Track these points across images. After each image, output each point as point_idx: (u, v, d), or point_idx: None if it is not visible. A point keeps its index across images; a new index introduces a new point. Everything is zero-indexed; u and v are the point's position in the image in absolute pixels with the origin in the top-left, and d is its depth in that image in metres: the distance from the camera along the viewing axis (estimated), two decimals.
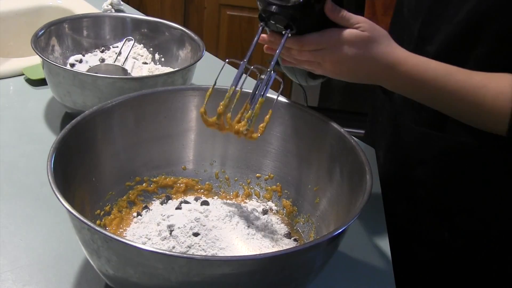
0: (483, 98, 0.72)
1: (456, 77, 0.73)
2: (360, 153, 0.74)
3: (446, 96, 0.74)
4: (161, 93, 0.87)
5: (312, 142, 0.83)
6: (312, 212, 0.82)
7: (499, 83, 0.72)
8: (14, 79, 1.18)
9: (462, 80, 0.73)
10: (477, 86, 0.73)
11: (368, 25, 0.73)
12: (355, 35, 0.72)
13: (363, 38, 0.72)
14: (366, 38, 0.72)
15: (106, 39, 1.18)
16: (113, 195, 0.82)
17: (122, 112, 0.83)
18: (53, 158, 0.67)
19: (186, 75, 1.02)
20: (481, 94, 0.72)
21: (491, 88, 0.72)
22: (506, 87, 0.72)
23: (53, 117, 1.07)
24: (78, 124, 0.75)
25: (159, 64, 1.17)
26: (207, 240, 0.71)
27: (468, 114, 0.76)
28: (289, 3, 0.71)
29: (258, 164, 0.88)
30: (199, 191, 0.88)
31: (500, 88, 0.72)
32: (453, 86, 0.73)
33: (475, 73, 0.74)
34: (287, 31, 0.73)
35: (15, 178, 0.91)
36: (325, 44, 0.73)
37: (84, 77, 0.96)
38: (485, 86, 0.73)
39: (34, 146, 0.99)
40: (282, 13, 0.72)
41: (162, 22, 1.18)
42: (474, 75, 0.74)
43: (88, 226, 0.59)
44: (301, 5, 0.70)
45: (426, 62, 0.74)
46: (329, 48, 0.73)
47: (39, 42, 1.05)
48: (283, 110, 0.85)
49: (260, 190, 0.88)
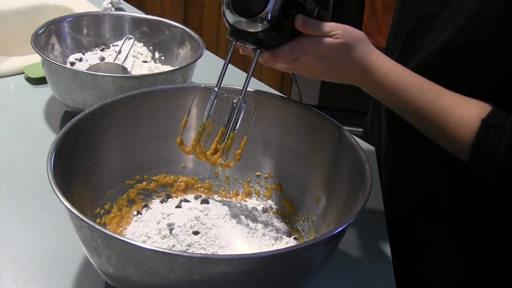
0: (446, 124, 0.72)
1: (426, 96, 0.73)
2: (360, 152, 0.74)
3: (413, 112, 0.74)
4: (161, 91, 0.87)
5: (312, 140, 0.83)
6: (312, 210, 0.82)
7: (465, 112, 0.71)
8: (14, 77, 1.18)
9: (430, 101, 0.72)
10: (443, 111, 0.72)
11: (342, 32, 0.72)
12: (328, 44, 0.72)
13: (336, 46, 0.72)
14: (339, 46, 0.72)
15: (106, 37, 1.18)
16: (113, 193, 0.82)
17: (122, 111, 0.83)
18: (53, 157, 0.67)
19: (186, 73, 1.02)
20: (444, 120, 0.72)
21: (455, 116, 0.71)
22: (470, 117, 0.71)
23: (53, 116, 1.07)
24: (78, 122, 0.75)
25: (159, 62, 1.17)
26: (207, 238, 0.71)
27: (434, 134, 0.75)
28: (258, 28, 0.70)
29: (258, 163, 0.88)
30: (199, 190, 0.88)
31: (464, 118, 0.71)
32: (421, 105, 0.73)
33: (448, 95, 0.73)
34: (257, 52, 0.73)
35: (15, 177, 0.91)
36: (298, 54, 0.73)
37: (84, 75, 0.96)
38: (450, 112, 0.72)
39: (34, 144, 0.99)
40: (251, 38, 0.72)
41: (162, 21, 1.18)
42: (445, 98, 0.73)
43: (88, 224, 0.59)
44: (269, 28, 0.70)
45: (399, 72, 0.74)
46: (303, 56, 0.73)
47: (39, 40, 1.05)
48: (283, 109, 0.85)
49: (260, 189, 0.88)
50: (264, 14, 0.69)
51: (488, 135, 0.69)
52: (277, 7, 0.69)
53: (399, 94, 0.73)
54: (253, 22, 0.70)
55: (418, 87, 0.73)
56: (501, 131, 0.68)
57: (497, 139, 0.68)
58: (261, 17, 0.69)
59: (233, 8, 0.71)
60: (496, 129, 0.69)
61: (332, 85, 0.83)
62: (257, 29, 0.70)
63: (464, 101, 0.72)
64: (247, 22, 0.70)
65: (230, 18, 0.71)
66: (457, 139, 0.72)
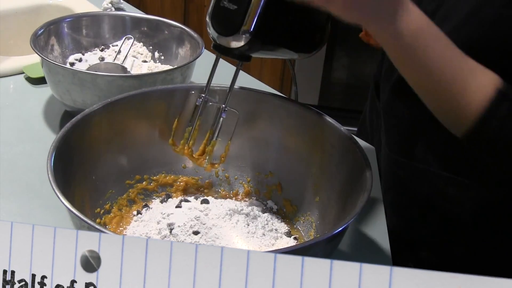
0: (467, 84, 0.68)
1: (456, 50, 0.69)
2: (360, 152, 0.74)
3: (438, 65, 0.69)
4: (160, 91, 0.87)
5: (312, 140, 0.83)
6: (312, 210, 0.82)
7: (485, 76, 0.69)
8: (14, 77, 1.18)
9: (459, 55, 0.69)
10: (468, 69, 0.69)
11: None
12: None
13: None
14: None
15: (105, 37, 1.18)
16: (113, 193, 0.82)
17: (122, 110, 0.83)
18: (53, 157, 0.67)
19: (185, 72, 1.02)
20: (466, 81, 0.69)
21: (477, 79, 0.69)
22: (489, 84, 0.69)
23: (53, 116, 1.07)
24: (78, 122, 0.75)
25: (158, 62, 1.17)
26: (207, 238, 0.71)
27: (445, 95, 0.70)
28: (239, 44, 0.69)
29: (258, 163, 0.88)
30: (199, 190, 0.88)
31: (485, 81, 0.69)
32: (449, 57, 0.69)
33: (470, 59, 0.70)
34: (239, 64, 0.74)
35: (15, 177, 0.91)
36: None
37: (83, 75, 0.96)
38: (473, 71, 0.69)
39: (34, 144, 0.99)
40: (233, 54, 0.71)
41: (161, 20, 1.18)
42: (469, 60, 0.69)
43: (88, 224, 0.59)
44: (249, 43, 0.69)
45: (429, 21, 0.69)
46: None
47: (38, 41, 1.05)
48: (283, 109, 0.85)
49: (260, 189, 0.88)
50: (244, 28, 0.68)
51: (502, 107, 0.68)
52: (255, 19, 0.68)
53: (429, 38, 0.68)
54: (234, 38, 0.70)
55: (449, 41, 0.69)
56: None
57: (509, 111, 0.68)
58: (241, 32, 0.68)
59: (213, 25, 0.71)
60: (510, 102, 0.68)
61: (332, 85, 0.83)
62: (238, 44, 0.70)
63: (481, 66, 0.70)
64: (228, 39, 0.70)
65: (212, 34, 0.72)
66: (472, 105, 0.69)
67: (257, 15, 0.68)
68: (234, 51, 0.71)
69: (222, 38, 0.71)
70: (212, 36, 0.72)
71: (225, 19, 0.70)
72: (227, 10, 0.70)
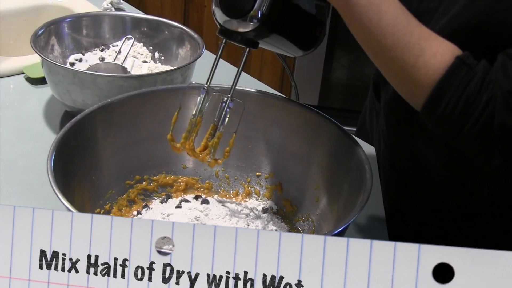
0: (422, 51, 0.67)
1: (410, 17, 0.68)
2: (360, 152, 0.74)
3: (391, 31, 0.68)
4: (160, 91, 0.87)
5: (312, 140, 0.83)
6: (312, 210, 0.82)
7: (442, 44, 0.68)
8: (14, 77, 1.18)
9: (413, 24, 0.68)
10: (423, 37, 0.68)
11: None
12: None
13: None
14: None
15: (105, 38, 1.18)
16: (113, 193, 0.82)
17: (121, 111, 0.83)
18: (53, 157, 0.68)
19: (186, 73, 1.02)
20: (422, 47, 0.67)
21: (434, 46, 0.68)
22: (447, 51, 0.68)
23: (53, 116, 1.07)
24: (78, 122, 0.75)
25: (158, 62, 1.17)
26: None
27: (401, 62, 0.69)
28: (247, 28, 0.68)
29: (258, 163, 0.88)
30: (199, 190, 0.88)
31: (442, 49, 0.68)
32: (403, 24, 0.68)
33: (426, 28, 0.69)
34: (246, 50, 0.72)
35: (15, 177, 0.91)
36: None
37: (84, 75, 0.96)
38: (430, 40, 0.68)
39: (34, 144, 0.99)
40: (240, 38, 0.70)
41: (161, 21, 1.18)
42: (424, 28, 0.69)
43: None
44: (259, 27, 0.68)
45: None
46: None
47: (38, 41, 1.05)
48: (283, 109, 0.85)
49: (260, 189, 0.88)
50: (253, 12, 0.67)
51: (460, 72, 0.67)
52: (266, 4, 0.67)
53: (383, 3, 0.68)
54: (243, 21, 0.68)
55: (403, 8, 0.69)
56: (472, 73, 0.66)
57: (467, 78, 0.66)
58: (250, 16, 0.67)
59: (221, 8, 0.69)
60: (468, 69, 0.67)
61: (332, 85, 0.83)
62: (246, 28, 0.68)
63: (439, 36, 0.69)
64: (236, 22, 0.69)
65: (219, 18, 0.70)
66: (429, 71, 0.67)
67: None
68: (242, 36, 0.69)
69: (231, 21, 0.69)
70: (219, 21, 0.70)
71: (235, 0, 0.68)
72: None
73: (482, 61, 0.68)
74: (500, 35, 0.70)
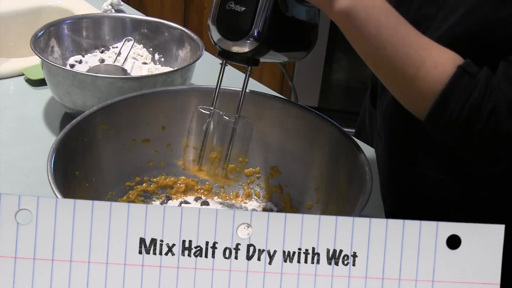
0: (423, 61, 0.67)
1: (409, 28, 0.68)
2: (360, 154, 0.74)
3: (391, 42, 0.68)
4: (160, 93, 0.87)
5: (312, 142, 0.83)
6: (312, 212, 0.82)
7: (442, 54, 0.68)
8: (14, 79, 1.18)
9: (412, 34, 0.68)
10: (422, 47, 0.68)
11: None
12: None
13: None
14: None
15: (105, 39, 1.18)
16: (113, 195, 0.82)
17: (121, 112, 0.83)
18: (53, 158, 0.67)
19: (186, 74, 1.02)
20: (422, 57, 0.67)
21: (433, 56, 0.67)
22: (448, 61, 0.68)
23: (53, 117, 1.07)
24: (78, 124, 0.75)
25: (158, 64, 1.17)
26: None
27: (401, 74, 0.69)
28: (245, 49, 0.67)
29: (258, 164, 0.88)
30: (199, 191, 0.88)
31: (442, 59, 0.68)
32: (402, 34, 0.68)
33: (425, 37, 0.69)
34: (248, 69, 0.71)
35: (15, 178, 0.91)
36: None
37: (84, 77, 0.96)
38: (429, 49, 0.68)
39: (34, 146, 0.99)
40: (240, 59, 0.69)
41: (161, 22, 1.18)
42: (424, 37, 0.69)
43: None
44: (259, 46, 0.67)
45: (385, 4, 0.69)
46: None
47: (38, 42, 1.05)
48: (283, 111, 0.85)
49: (260, 190, 0.88)
50: (252, 32, 0.66)
51: (463, 81, 0.67)
52: (263, 23, 0.66)
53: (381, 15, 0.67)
54: (242, 43, 0.67)
55: (402, 19, 0.69)
56: (475, 81, 0.66)
57: (470, 88, 0.66)
58: (249, 37, 0.67)
59: (219, 30, 0.68)
60: (471, 78, 0.67)
61: (332, 87, 0.83)
62: (245, 49, 0.68)
63: (439, 45, 0.69)
64: (235, 44, 0.68)
65: (215, 37, 0.69)
66: (431, 82, 0.67)
67: (268, 15, 0.66)
68: (242, 56, 0.69)
69: (230, 43, 0.68)
70: (216, 42, 0.70)
71: (233, 22, 0.67)
72: (234, 13, 0.67)
73: (484, 68, 0.68)
74: (500, 43, 0.70)
